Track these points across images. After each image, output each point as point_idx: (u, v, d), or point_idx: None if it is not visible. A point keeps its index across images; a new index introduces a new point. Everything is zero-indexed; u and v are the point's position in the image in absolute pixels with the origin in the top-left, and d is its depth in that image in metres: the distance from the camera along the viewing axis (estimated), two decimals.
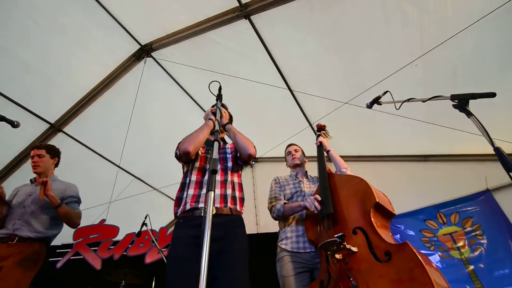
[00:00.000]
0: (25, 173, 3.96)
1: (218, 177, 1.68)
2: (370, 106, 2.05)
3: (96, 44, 3.55)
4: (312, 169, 2.63)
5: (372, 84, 3.37)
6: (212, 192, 1.08)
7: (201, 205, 1.56)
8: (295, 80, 3.82)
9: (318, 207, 1.83)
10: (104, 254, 4.05)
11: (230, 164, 1.79)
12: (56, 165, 2.47)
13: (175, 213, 1.65)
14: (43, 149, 2.38)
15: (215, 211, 1.54)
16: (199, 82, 4.04)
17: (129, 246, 4.13)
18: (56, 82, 3.65)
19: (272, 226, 3.26)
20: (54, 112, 3.86)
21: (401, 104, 1.77)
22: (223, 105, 1.98)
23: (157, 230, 4.24)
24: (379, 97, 1.98)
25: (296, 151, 2.52)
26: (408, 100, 1.75)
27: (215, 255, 1.45)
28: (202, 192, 1.60)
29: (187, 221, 1.55)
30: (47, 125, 3.88)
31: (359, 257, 1.58)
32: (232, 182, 1.72)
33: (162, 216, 5.41)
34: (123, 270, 2.91)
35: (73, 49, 3.50)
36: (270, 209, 2.18)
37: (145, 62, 3.86)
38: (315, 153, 2.31)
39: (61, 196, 2.25)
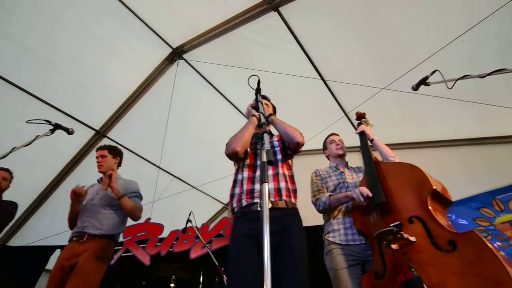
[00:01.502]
0: (77, 177, 4.28)
1: (270, 171, 1.68)
2: (416, 88, 1.92)
3: (130, 50, 3.70)
4: (350, 160, 2.55)
5: (412, 66, 3.17)
6: (267, 184, 1.07)
7: (257, 200, 1.59)
8: (327, 69, 3.71)
9: (368, 195, 1.76)
10: (151, 250, 4.26)
11: (279, 156, 1.79)
12: (119, 164, 2.61)
13: (232, 209, 1.70)
14: (106, 150, 2.54)
15: (270, 205, 1.55)
16: (230, 79, 4.08)
17: (174, 242, 4.30)
18: (97, 91, 3.88)
19: (311, 219, 3.21)
20: (99, 119, 4.11)
21: (455, 83, 1.64)
22: (264, 97, 1.97)
23: (199, 226, 4.36)
24: (426, 78, 1.85)
25: (340, 141, 2.43)
26: (463, 77, 1.62)
27: (274, 248, 1.46)
28: (255, 187, 1.63)
29: (244, 215, 1.60)
30: (93, 132, 4.14)
31: (418, 247, 1.50)
32: (284, 175, 1.72)
33: (202, 213, 5.59)
34: (173, 265, 3.04)
35: (110, 57, 3.69)
36: (315, 203, 2.14)
37: (177, 64, 3.96)
38: (351, 144, 2.24)
39: (124, 192, 2.36)
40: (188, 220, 3.13)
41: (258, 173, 1.69)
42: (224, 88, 4.23)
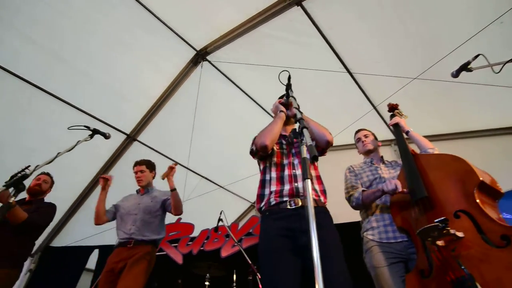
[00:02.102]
0: (113, 179, 4.46)
1: (298, 171, 1.65)
2: (456, 75, 1.82)
3: (156, 55, 3.80)
4: (384, 154, 2.46)
5: (446, 53, 3.01)
6: (309, 180, 1.05)
7: (286, 198, 1.56)
8: (354, 62, 3.60)
9: (399, 187, 1.68)
10: (183, 249, 4.37)
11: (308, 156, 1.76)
12: (153, 177, 2.83)
13: (259, 208, 1.67)
14: (144, 165, 2.79)
15: (300, 203, 1.52)
16: (254, 78, 4.08)
17: (205, 241, 4.39)
18: (127, 96, 4.02)
19: (341, 217, 3.13)
20: (129, 123, 4.26)
21: (502, 67, 1.53)
22: (288, 94, 1.92)
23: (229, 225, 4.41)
24: (468, 63, 1.75)
25: (366, 136, 2.35)
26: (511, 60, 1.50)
27: (305, 247, 1.43)
28: (284, 188, 1.60)
29: (274, 214, 1.56)
30: (124, 136, 4.30)
31: (467, 242, 1.41)
32: (311, 176, 1.68)
33: (230, 212, 5.62)
34: (207, 263, 3.10)
35: (137, 63, 3.80)
36: (348, 199, 2.09)
37: (201, 66, 4.01)
38: (381, 138, 2.16)
39: (164, 196, 2.64)
40: (220, 219, 3.17)
41: (286, 172, 1.66)
42: (248, 87, 4.24)
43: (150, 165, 2.84)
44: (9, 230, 2.31)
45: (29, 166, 2.34)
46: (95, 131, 2.08)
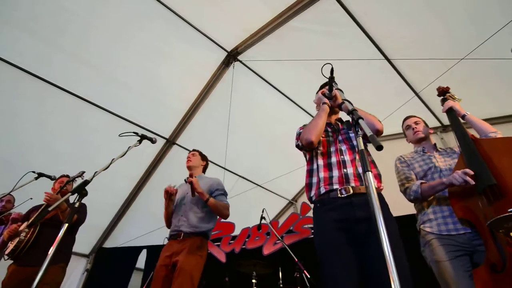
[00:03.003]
0: (154, 183, 4.67)
1: (347, 157, 1.61)
2: None
3: (189, 59, 3.90)
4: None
5: (498, 28, 2.76)
6: (370, 172, 1.01)
7: (336, 186, 1.52)
8: (391, 48, 3.42)
9: (471, 181, 1.55)
10: (226, 248, 4.44)
11: (355, 142, 1.69)
12: (204, 168, 2.81)
13: (310, 198, 1.66)
14: (197, 151, 2.81)
15: (351, 191, 1.48)
16: (286, 74, 4.04)
17: (246, 240, 4.43)
18: (164, 102, 4.18)
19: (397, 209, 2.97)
20: (168, 128, 4.42)
21: None
22: (327, 84, 1.85)
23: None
24: None
25: (416, 123, 2.19)
26: None
27: (364, 236, 1.39)
28: (333, 174, 1.57)
29: (325, 205, 1.54)
30: (164, 140, 4.47)
31: None
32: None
33: (268, 209, 5.63)
34: (252, 261, 3.12)
35: (172, 69, 3.93)
36: (404, 192, 1.97)
37: (233, 67, 4.05)
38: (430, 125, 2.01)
39: (209, 190, 2.49)
40: (262, 217, 3.18)
41: (333, 159, 1.63)
42: (280, 84, 4.21)
43: (203, 155, 2.84)
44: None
45: (83, 172, 2.51)
46: (143, 137, 2.17)
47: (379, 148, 0.90)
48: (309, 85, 4.02)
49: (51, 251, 1.47)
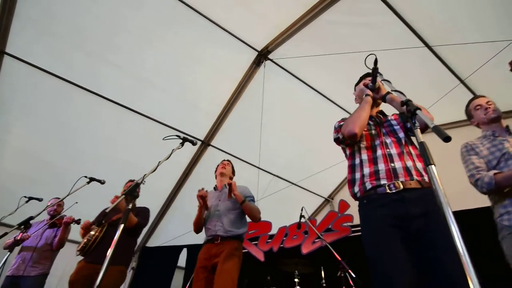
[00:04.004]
0: (192, 184, 4.81)
1: (393, 150, 1.53)
2: None
3: (220, 62, 3.96)
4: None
5: None
6: (433, 165, 0.95)
7: (383, 181, 1.45)
8: (432, 34, 3.23)
9: None
10: (264, 247, 4.46)
11: (401, 134, 1.62)
12: (231, 178, 2.93)
13: (354, 194, 1.60)
14: (229, 162, 2.99)
15: (401, 186, 1.40)
16: (319, 70, 3.97)
17: (284, 238, 4.41)
18: (198, 105, 4.29)
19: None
20: (202, 130, 4.54)
21: None
22: (369, 74, 1.77)
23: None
24: None
25: (489, 103, 1.97)
26: None
27: (420, 234, 1.31)
28: (379, 168, 1.50)
29: (373, 201, 1.47)
30: (199, 142, 4.59)
31: None
32: (410, 153, 1.54)
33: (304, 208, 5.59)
34: (293, 260, 3.10)
35: (203, 72, 4.02)
36: (475, 184, 1.80)
37: (264, 66, 4.05)
38: None
39: (244, 195, 2.62)
40: (302, 216, 3.15)
41: (379, 153, 1.56)
42: (312, 80, 4.14)
43: (233, 167, 3.01)
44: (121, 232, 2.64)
45: (145, 175, 2.66)
46: (184, 139, 2.25)
47: (447, 139, 0.84)
48: (342, 79, 3.93)
49: (109, 252, 1.54)
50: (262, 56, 3.97)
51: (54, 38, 3.35)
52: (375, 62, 1.64)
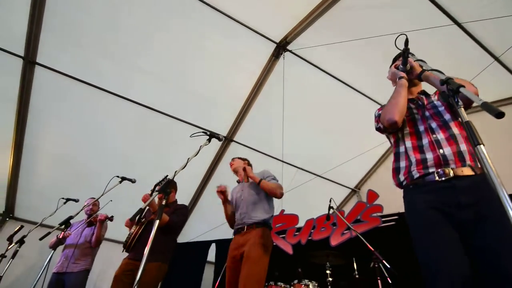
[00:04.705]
0: (217, 180, 4.85)
1: (440, 135, 1.43)
2: None
3: (238, 56, 3.96)
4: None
5: None
6: (482, 145, 0.89)
7: (432, 170, 1.37)
8: (462, 10, 3.04)
9: None
10: (292, 240, 4.45)
11: (447, 116, 1.50)
12: (247, 164, 2.97)
13: (399, 183, 1.52)
14: (233, 159, 3.04)
15: (452, 173, 1.32)
16: (340, 58, 3.87)
17: (312, 231, 4.38)
18: (219, 101, 4.32)
19: None
20: (224, 126, 4.56)
21: None
22: (405, 59, 1.67)
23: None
24: None
25: None
26: None
27: (472, 223, 1.23)
28: (427, 157, 1.41)
29: (419, 187, 1.40)
30: (223, 138, 4.63)
31: None
32: (461, 136, 1.42)
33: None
34: (324, 251, 3.07)
35: (223, 69, 4.04)
36: None
37: (283, 57, 3.99)
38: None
39: (261, 177, 2.67)
40: (330, 207, 3.10)
41: (425, 140, 1.46)
42: (334, 69, 4.04)
43: (242, 158, 3.04)
44: (157, 230, 2.72)
45: (166, 176, 2.73)
46: (211, 135, 2.27)
47: (500, 115, 0.78)
48: (366, 66, 3.81)
49: (146, 249, 1.57)
50: (281, 47, 3.91)
51: (80, 46, 3.49)
52: (406, 42, 1.56)
